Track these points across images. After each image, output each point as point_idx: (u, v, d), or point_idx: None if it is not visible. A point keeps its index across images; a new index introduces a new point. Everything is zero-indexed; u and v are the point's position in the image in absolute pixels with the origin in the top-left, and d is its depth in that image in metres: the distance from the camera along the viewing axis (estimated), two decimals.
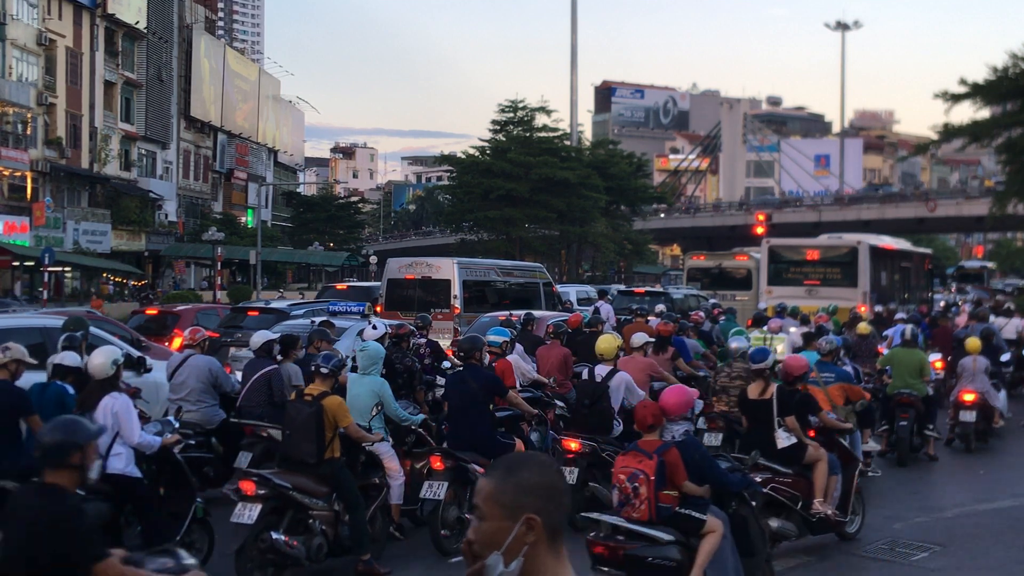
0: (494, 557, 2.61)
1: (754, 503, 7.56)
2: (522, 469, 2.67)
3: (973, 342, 15.22)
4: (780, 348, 15.94)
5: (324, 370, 8.25)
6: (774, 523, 8.49)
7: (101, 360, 7.55)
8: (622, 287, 34.79)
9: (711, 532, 6.64)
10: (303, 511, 7.86)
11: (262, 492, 7.69)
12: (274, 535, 7.55)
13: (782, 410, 8.89)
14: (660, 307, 19.71)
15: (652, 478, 6.57)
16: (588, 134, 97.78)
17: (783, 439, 8.80)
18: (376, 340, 10.52)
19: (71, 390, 8.06)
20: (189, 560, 5.09)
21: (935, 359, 17.10)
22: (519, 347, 12.73)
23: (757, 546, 7.30)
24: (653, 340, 12.54)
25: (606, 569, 6.55)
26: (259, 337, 10.50)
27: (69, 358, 8.36)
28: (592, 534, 6.74)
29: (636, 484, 6.58)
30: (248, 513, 7.61)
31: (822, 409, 9.53)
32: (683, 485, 6.77)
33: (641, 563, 6.48)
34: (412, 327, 13.04)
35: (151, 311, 21.07)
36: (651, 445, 6.77)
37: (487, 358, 10.59)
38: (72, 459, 4.60)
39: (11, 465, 7.54)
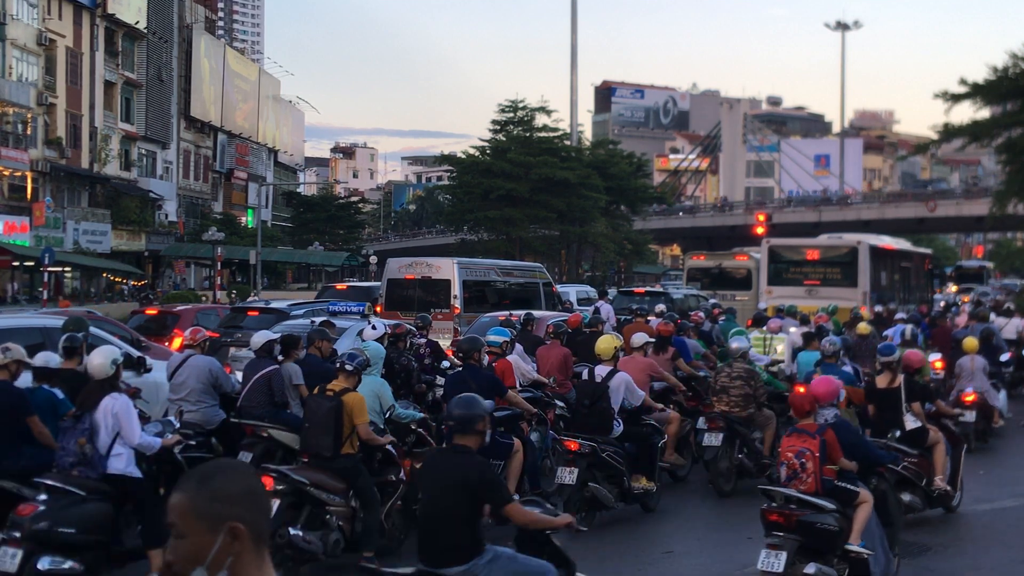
0: (197, 573, 2.50)
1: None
2: (216, 478, 2.55)
3: (970, 342, 15.21)
4: (780, 348, 15.97)
5: (349, 367, 8.34)
6: (905, 497, 9.72)
7: (100, 360, 7.55)
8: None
9: (864, 503, 7.55)
10: (320, 507, 7.94)
11: (280, 487, 7.77)
12: (292, 531, 7.65)
13: (909, 397, 10.10)
14: (660, 307, 19.69)
15: (817, 455, 7.49)
16: (588, 134, 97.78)
17: (911, 422, 10.00)
18: (375, 340, 10.54)
19: (60, 394, 8.06)
20: (550, 506, 6.39)
21: (935, 359, 17.10)
22: (519, 347, 12.72)
23: (895, 516, 8.45)
24: (653, 340, 12.54)
25: (781, 534, 7.47)
26: (260, 337, 10.50)
27: (48, 359, 8.33)
28: (766, 504, 7.66)
29: (803, 460, 7.53)
30: None
31: (937, 398, 10.84)
32: (839, 461, 7.64)
33: (811, 528, 7.40)
34: (411, 327, 13.04)
35: (151, 311, 21.07)
36: (811, 427, 7.69)
37: (486, 358, 10.59)
38: (478, 426, 5.85)
39: (11, 465, 7.54)
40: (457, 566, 5.58)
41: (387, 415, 8.99)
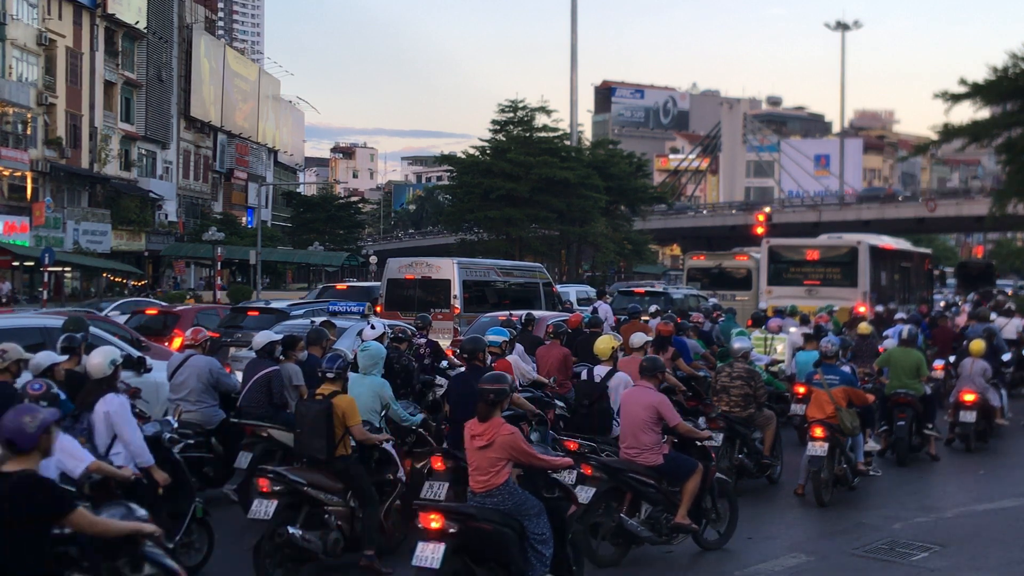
0: None
1: None
2: None
3: (976, 344, 15.19)
4: (780, 348, 15.97)
5: (330, 375, 8.28)
6: None
7: (99, 360, 7.54)
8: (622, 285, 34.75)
9: None
10: (318, 507, 7.95)
11: (277, 488, 7.78)
12: (290, 529, 7.66)
13: None
14: (654, 307, 19.81)
15: None
16: (588, 134, 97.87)
17: None
18: (375, 340, 10.53)
19: (62, 395, 8.04)
20: None
21: (939, 364, 17.10)
22: (519, 347, 12.72)
23: None
24: (650, 340, 12.53)
25: None
26: (262, 338, 10.50)
27: (43, 359, 8.30)
28: None
29: None
30: (264, 509, 7.72)
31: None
32: None
33: None
34: (412, 328, 13.04)
35: (151, 311, 21.06)
36: None
37: (488, 358, 10.58)
38: None
39: None
40: None
41: (383, 413, 8.99)
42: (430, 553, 6.58)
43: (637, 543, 8.74)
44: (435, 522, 6.61)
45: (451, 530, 6.64)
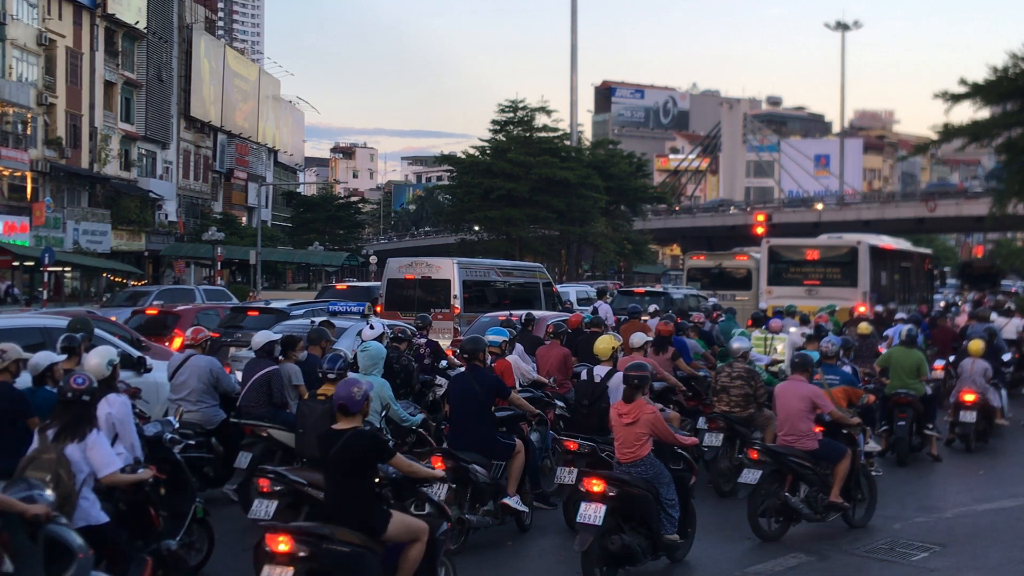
0: None
1: None
2: None
3: (975, 345, 15.19)
4: (780, 348, 15.96)
5: (331, 375, 8.30)
6: None
7: (96, 361, 7.53)
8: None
9: None
10: (319, 506, 7.92)
11: (277, 488, 7.79)
12: None
13: None
14: (653, 307, 19.81)
15: None
16: (588, 134, 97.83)
17: None
18: (375, 340, 10.53)
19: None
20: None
21: (939, 364, 17.10)
22: (519, 347, 12.72)
23: None
24: (650, 340, 12.53)
25: None
26: (261, 337, 10.50)
27: (42, 359, 8.29)
28: None
29: None
30: (264, 509, 7.73)
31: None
32: None
33: None
34: (412, 328, 13.04)
35: (151, 311, 21.05)
36: None
37: (488, 358, 10.58)
38: None
39: (11, 466, 7.52)
40: None
41: (384, 413, 8.99)
42: (593, 512, 7.75)
43: (796, 520, 9.64)
44: (597, 486, 7.83)
45: (611, 493, 7.83)
